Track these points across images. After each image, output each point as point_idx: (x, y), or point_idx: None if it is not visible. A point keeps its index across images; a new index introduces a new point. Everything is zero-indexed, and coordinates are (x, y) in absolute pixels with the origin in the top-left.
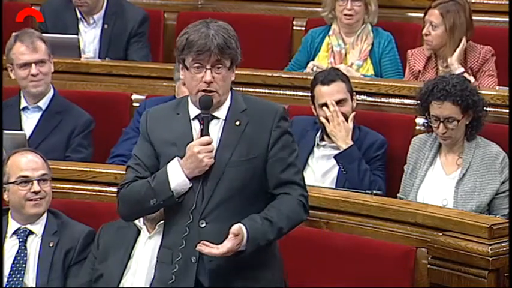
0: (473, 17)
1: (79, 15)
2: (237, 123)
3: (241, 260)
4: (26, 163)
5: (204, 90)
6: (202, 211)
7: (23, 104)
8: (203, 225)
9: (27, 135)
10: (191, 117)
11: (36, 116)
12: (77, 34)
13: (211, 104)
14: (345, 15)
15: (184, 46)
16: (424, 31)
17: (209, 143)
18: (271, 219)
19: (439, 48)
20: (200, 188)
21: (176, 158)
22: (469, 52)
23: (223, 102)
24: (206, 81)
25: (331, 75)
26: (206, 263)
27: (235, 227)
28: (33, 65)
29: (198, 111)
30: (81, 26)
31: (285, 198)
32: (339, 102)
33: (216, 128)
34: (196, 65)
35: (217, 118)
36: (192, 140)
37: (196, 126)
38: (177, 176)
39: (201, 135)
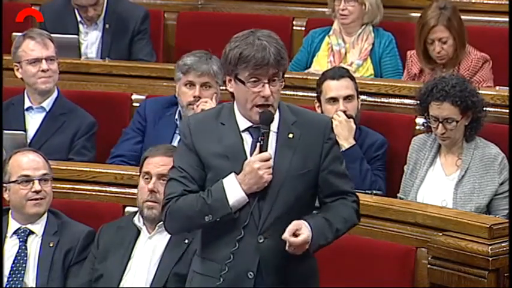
0: (473, 17)
1: (79, 18)
2: (290, 135)
3: (300, 277)
4: (27, 162)
5: (261, 105)
6: (262, 226)
7: (27, 104)
8: (261, 241)
9: (31, 136)
10: (241, 129)
11: (40, 116)
12: (77, 36)
13: (272, 119)
14: (341, 15)
15: (238, 60)
16: (437, 50)
17: (268, 159)
18: (330, 219)
19: (455, 57)
20: (256, 203)
21: (233, 174)
22: (462, 59)
23: None
24: (265, 96)
25: (340, 71)
26: (265, 278)
27: (296, 223)
28: (43, 60)
29: (249, 124)
30: (82, 28)
31: (340, 203)
32: (346, 98)
33: (268, 141)
34: (253, 79)
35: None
36: (244, 153)
37: (247, 138)
38: (235, 192)
39: (260, 151)
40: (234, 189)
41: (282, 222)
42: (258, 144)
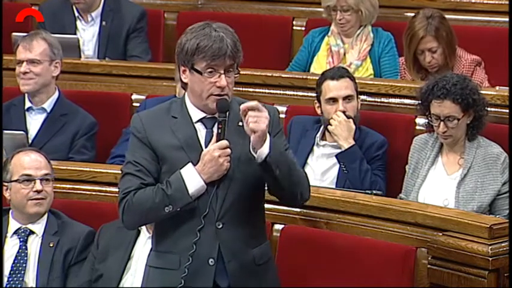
0: (474, 17)
1: (76, 14)
2: (240, 123)
3: (257, 260)
4: (29, 162)
5: (217, 95)
6: (219, 213)
7: (27, 104)
8: (220, 227)
9: (32, 136)
10: (193, 120)
11: (41, 117)
12: (74, 33)
13: (228, 107)
14: (339, 24)
15: (195, 51)
16: (427, 60)
17: (227, 147)
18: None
19: (446, 64)
20: (214, 191)
21: (190, 164)
22: (454, 65)
23: None
24: (221, 86)
25: (340, 72)
26: (226, 264)
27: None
28: (24, 62)
29: (202, 115)
30: (79, 24)
31: None
32: (346, 99)
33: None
34: (209, 70)
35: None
36: (199, 144)
37: (200, 129)
38: (194, 181)
39: (218, 139)
40: (193, 179)
41: (239, 207)
42: (216, 132)
